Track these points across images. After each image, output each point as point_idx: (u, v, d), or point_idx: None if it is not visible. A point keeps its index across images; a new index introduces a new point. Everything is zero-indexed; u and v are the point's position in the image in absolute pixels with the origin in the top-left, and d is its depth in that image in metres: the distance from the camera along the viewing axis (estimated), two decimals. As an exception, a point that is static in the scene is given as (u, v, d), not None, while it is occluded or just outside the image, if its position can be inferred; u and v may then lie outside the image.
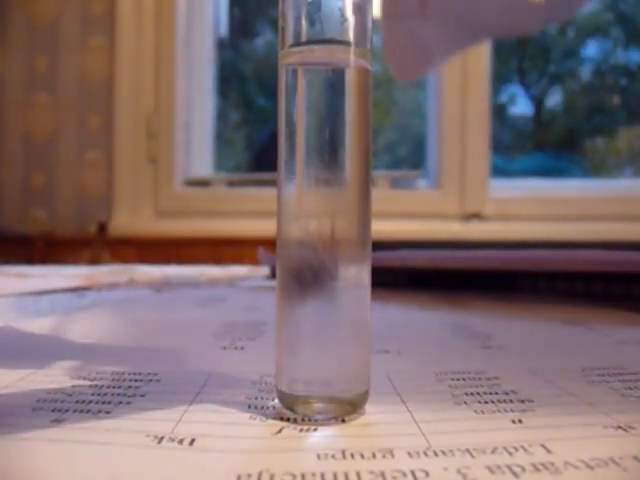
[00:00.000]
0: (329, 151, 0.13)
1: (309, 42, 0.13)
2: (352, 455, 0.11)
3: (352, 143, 0.13)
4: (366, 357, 0.14)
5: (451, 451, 0.11)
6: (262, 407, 0.14)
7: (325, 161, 0.13)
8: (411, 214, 1.39)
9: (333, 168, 0.13)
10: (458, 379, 0.17)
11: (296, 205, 0.13)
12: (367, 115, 0.14)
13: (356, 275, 0.13)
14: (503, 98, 1.62)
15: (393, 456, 0.11)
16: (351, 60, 0.13)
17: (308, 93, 0.13)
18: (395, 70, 0.67)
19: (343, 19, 0.13)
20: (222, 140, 1.63)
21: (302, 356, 0.13)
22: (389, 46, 0.64)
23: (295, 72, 0.13)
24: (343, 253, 0.13)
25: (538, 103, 1.63)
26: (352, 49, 0.13)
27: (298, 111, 0.13)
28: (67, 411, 0.14)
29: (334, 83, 0.13)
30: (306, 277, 0.13)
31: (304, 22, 0.13)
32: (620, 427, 0.13)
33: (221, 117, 1.63)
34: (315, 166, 0.13)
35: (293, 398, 0.13)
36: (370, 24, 0.14)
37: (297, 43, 0.13)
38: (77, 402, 0.14)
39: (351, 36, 0.13)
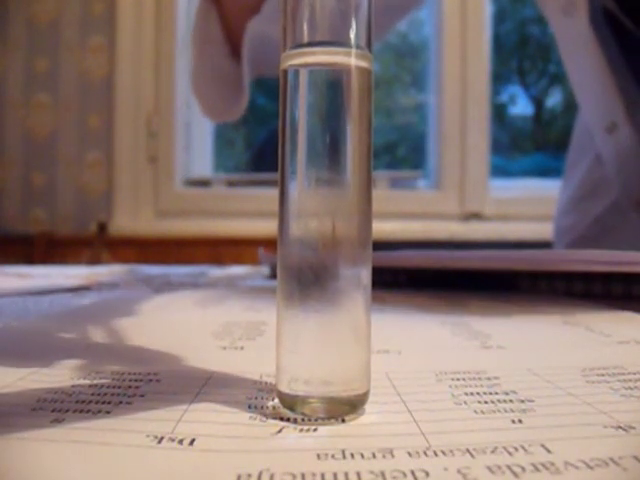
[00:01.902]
0: (330, 152, 0.13)
1: (311, 44, 0.13)
2: (352, 455, 0.11)
3: (353, 144, 0.13)
4: (366, 357, 0.14)
5: (451, 451, 0.11)
6: (262, 407, 0.14)
7: (326, 161, 0.13)
8: (411, 214, 1.39)
9: (334, 168, 0.13)
10: (458, 379, 0.17)
11: (297, 205, 0.13)
12: (368, 116, 0.14)
13: (356, 275, 0.13)
14: (503, 98, 1.62)
15: (393, 456, 0.11)
16: (352, 62, 0.13)
17: (309, 94, 0.13)
18: (201, 108, 0.57)
19: (344, 21, 0.13)
20: (222, 140, 1.63)
21: (302, 356, 0.13)
22: (195, 82, 0.55)
23: (297, 74, 0.14)
24: (344, 253, 0.13)
25: (538, 103, 1.63)
26: (353, 51, 0.13)
27: (300, 112, 0.13)
28: (67, 411, 0.14)
29: (335, 85, 0.13)
30: (307, 277, 0.13)
31: (306, 24, 0.13)
32: (620, 427, 0.13)
33: (221, 117, 1.63)
34: (316, 166, 0.13)
35: (293, 398, 0.13)
36: (371, 25, 0.14)
37: (299, 45, 0.13)
38: (77, 402, 0.14)
39: (352, 38, 0.13)
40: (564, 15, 0.54)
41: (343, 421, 0.13)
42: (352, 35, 0.13)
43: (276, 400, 0.14)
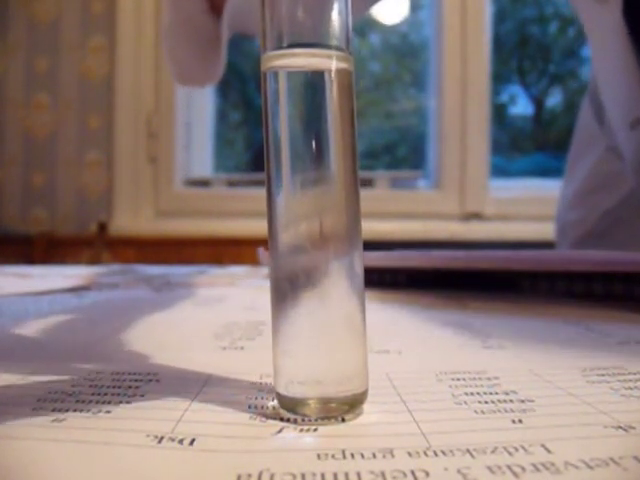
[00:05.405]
0: (314, 154, 0.13)
1: (290, 46, 0.13)
2: (352, 455, 0.11)
3: (337, 145, 0.13)
4: (363, 356, 0.14)
5: (451, 451, 0.11)
6: (262, 407, 0.14)
7: (311, 163, 0.13)
8: (411, 214, 1.39)
9: (319, 170, 0.13)
10: (458, 379, 0.17)
11: (285, 209, 0.13)
12: (351, 116, 0.14)
13: (349, 273, 0.13)
14: (503, 98, 1.62)
15: (393, 456, 0.11)
16: (332, 63, 0.13)
17: (290, 97, 0.13)
18: (173, 71, 0.52)
19: (324, 22, 0.13)
20: (222, 140, 1.63)
21: (298, 357, 0.13)
22: (167, 40, 0.50)
23: (276, 76, 0.13)
24: (334, 252, 0.13)
25: (538, 103, 1.63)
26: (333, 52, 0.13)
27: (280, 116, 0.13)
28: (67, 411, 0.14)
29: (316, 86, 0.13)
30: (298, 278, 0.13)
31: (285, 26, 0.13)
32: (620, 427, 0.13)
33: (221, 117, 1.63)
34: (301, 169, 0.13)
35: (291, 400, 0.13)
36: (350, 26, 0.14)
37: (278, 47, 0.13)
38: (77, 402, 0.14)
39: (332, 39, 0.13)
40: (597, 1, 0.52)
41: (343, 421, 0.13)
42: (332, 36, 0.13)
43: (276, 400, 0.14)
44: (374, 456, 0.11)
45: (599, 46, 0.55)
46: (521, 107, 1.64)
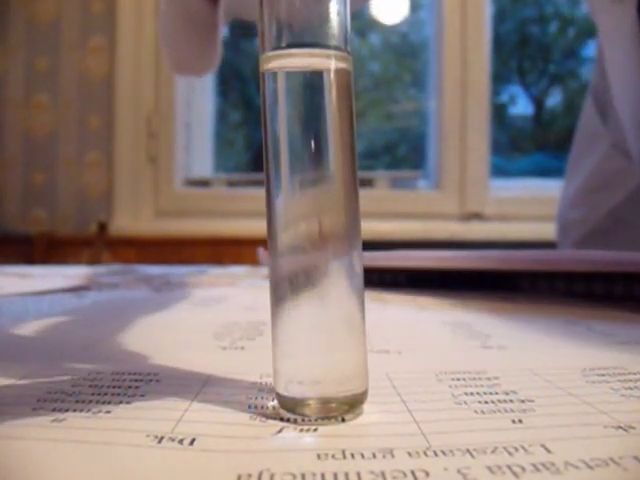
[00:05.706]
0: (313, 154, 0.13)
1: (289, 46, 0.13)
2: (352, 455, 0.11)
3: (335, 145, 0.13)
4: (363, 356, 0.14)
5: (451, 451, 0.11)
6: (262, 407, 0.14)
7: (310, 164, 0.13)
8: (411, 214, 1.39)
9: (318, 168, 0.13)
10: (458, 379, 0.17)
11: (285, 210, 0.13)
12: (350, 116, 0.14)
13: (348, 271, 0.13)
14: (503, 98, 1.62)
15: (393, 456, 0.11)
16: (331, 63, 0.13)
17: (289, 97, 0.13)
18: (169, 61, 0.53)
19: (322, 22, 0.13)
20: (222, 140, 1.63)
21: (298, 357, 0.13)
22: (164, 29, 0.50)
23: (275, 76, 0.13)
24: (333, 252, 0.13)
25: (538, 103, 1.63)
26: (332, 52, 0.13)
27: (280, 116, 0.13)
28: (67, 411, 0.14)
29: (315, 86, 0.13)
30: (298, 278, 0.13)
31: (283, 26, 0.13)
32: (620, 427, 0.13)
33: (221, 117, 1.63)
34: (300, 169, 0.13)
35: (291, 400, 0.13)
36: (349, 25, 0.14)
37: (277, 47, 0.13)
38: (77, 402, 0.14)
39: (330, 39, 0.13)
40: (612, 1, 0.52)
41: (343, 421, 0.13)
42: (330, 36, 0.13)
43: (276, 400, 0.14)
44: (374, 456, 0.11)
45: (612, 46, 0.55)
46: (521, 107, 1.64)
